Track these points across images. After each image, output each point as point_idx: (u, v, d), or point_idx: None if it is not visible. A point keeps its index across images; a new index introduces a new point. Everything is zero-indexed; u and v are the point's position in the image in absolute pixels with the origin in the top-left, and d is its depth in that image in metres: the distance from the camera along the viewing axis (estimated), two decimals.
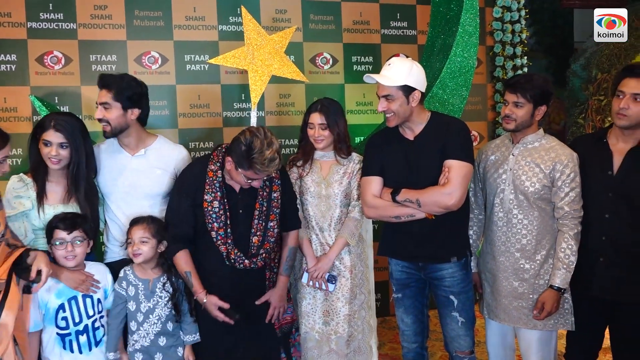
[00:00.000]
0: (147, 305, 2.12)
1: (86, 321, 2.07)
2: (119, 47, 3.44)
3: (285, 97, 3.73)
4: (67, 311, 2.04)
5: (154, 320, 2.12)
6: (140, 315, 2.12)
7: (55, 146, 2.11)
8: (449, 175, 2.07)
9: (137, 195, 2.29)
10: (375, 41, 3.92)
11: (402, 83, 2.09)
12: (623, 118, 2.07)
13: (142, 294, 2.12)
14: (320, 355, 2.42)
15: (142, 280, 2.14)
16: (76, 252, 2.05)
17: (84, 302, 2.08)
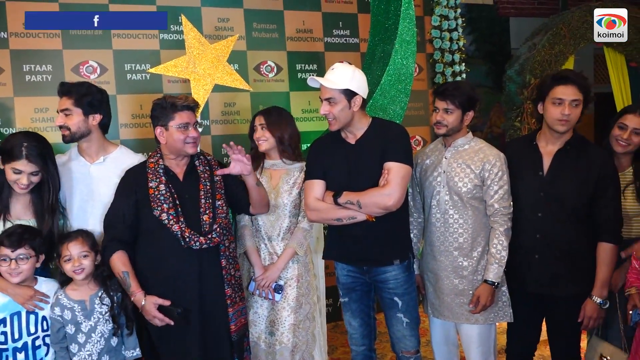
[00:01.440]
0: (89, 324, 2.06)
1: (26, 338, 2.01)
2: (54, 57, 3.33)
3: (230, 106, 3.71)
4: (8, 326, 1.99)
5: (96, 339, 2.06)
6: (81, 336, 2.05)
7: (25, 175, 2.08)
8: (388, 176, 2.12)
9: (96, 204, 2.26)
10: (318, 49, 3.97)
11: (344, 87, 2.14)
12: (566, 124, 2.19)
13: (80, 315, 2.06)
14: None
15: (77, 302, 2.07)
16: (21, 269, 1.99)
17: (27, 319, 2.02)
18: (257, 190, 2.28)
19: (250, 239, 2.47)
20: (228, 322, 2.20)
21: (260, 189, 2.30)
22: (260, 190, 2.30)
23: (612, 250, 2.19)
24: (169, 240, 2.10)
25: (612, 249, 2.19)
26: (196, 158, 2.27)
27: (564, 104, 2.17)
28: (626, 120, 2.30)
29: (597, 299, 2.18)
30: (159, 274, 2.13)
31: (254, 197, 2.29)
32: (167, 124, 2.16)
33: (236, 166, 2.18)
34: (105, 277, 2.11)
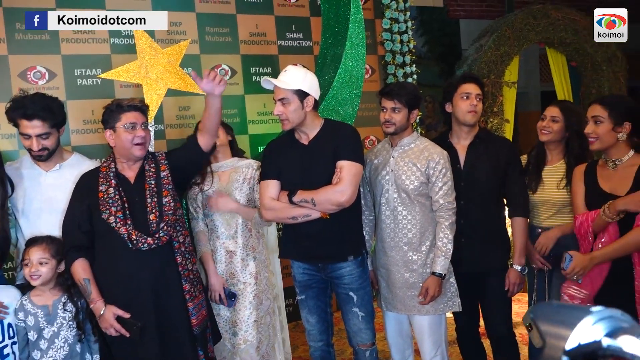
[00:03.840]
0: (51, 330, 2.05)
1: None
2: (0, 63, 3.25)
3: (185, 110, 3.71)
4: None
5: (60, 344, 2.06)
6: (44, 342, 2.05)
7: None
8: (341, 174, 2.19)
9: (52, 211, 2.25)
10: (272, 52, 4.02)
11: (297, 87, 2.21)
12: (475, 115, 2.47)
13: (43, 321, 2.05)
14: None
15: (41, 307, 2.07)
16: None
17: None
18: (219, 113, 2.25)
19: (206, 244, 2.50)
20: (188, 317, 2.21)
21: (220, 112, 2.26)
22: (220, 114, 2.27)
23: (523, 222, 2.48)
24: (119, 243, 2.10)
25: (523, 221, 2.48)
26: (146, 160, 2.28)
27: (471, 97, 2.45)
28: (546, 112, 2.56)
29: (517, 267, 2.45)
30: (112, 278, 2.14)
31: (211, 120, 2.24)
32: (114, 126, 2.17)
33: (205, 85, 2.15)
34: (69, 284, 2.11)
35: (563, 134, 2.47)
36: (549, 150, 2.55)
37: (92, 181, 2.19)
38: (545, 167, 2.53)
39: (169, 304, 2.18)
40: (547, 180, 2.49)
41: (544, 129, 2.51)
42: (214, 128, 2.28)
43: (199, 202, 2.53)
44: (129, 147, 2.16)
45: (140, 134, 2.17)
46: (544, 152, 2.56)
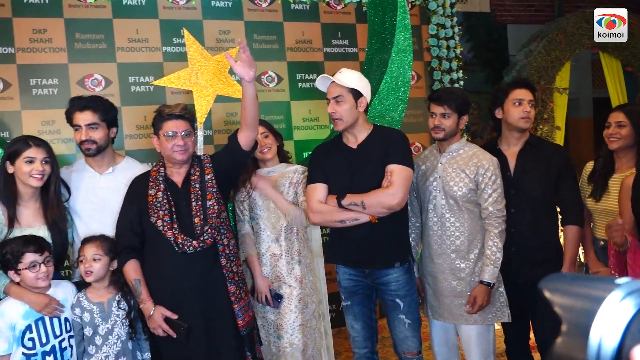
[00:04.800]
0: (106, 327, 2.13)
1: (53, 341, 2.07)
2: (60, 71, 3.41)
3: (233, 116, 3.79)
4: (34, 332, 2.05)
5: (113, 341, 2.13)
6: (98, 338, 2.12)
7: (39, 161, 2.18)
8: (392, 178, 2.18)
9: (106, 213, 2.33)
10: (318, 59, 4.05)
11: (352, 86, 2.23)
12: (528, 122, 2.42)
13: (98, 317, 2.13)
14: None
15: (96, 304, 2.15)
16: (49, 271, 2.07)
17: (50, 323, 2.09)
18: (255, 102, 2.23)
19: (252, 246, 2.53)
20: (234, 318, 2.24)
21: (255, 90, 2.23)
22: (256, 103, 2.25)
23: (576, 231, 2.40)
24: (166, 246, 2.17)
25: (576, 230, 2.40)
26: (192, 164, 2.33)
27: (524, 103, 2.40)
28: (609, 118, 2.48)
29: None
30: (159, 280, 2.20)
31: (248, 111, 2.23)
32: (158, 133, 2.25)
33: (238, 67, 2.16)
34: (122, 282, 2.19)
35: (633, 138, 2.38)
36: (618, 158, 2.46)
37: (142, 185, 2.27)
38: (613, 176, 2.44)
39: (215, 306, 2.22)
40: (614, 189, 2.39)
41: (611, 137, 2.43)
42: (252, 119, 2.24)
43: (245, 204, 2.57)
44: (170, 154, 2.24)
45: (179, 143, 2.21)
46: (612, 160, 2.46)
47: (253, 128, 2.29)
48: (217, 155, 2.40)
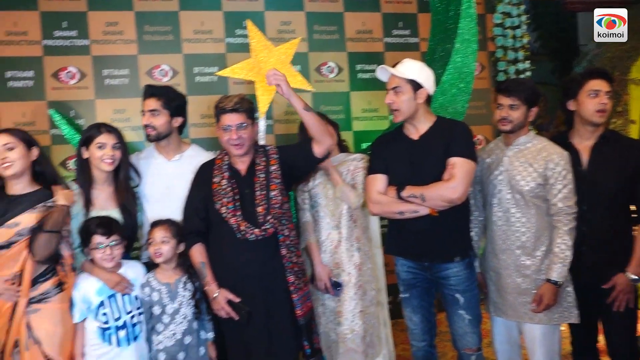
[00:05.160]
0: (173, 307, 2.23)
1: (125, 317, 2.19)
2: (130, 62, 3.57)
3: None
4: (108, 307, 2.17)
5: (180, 320, 2.23)
6: (166, 317, 2.23)
7: (109, 147, 2.29)
8: (453, 170, 2.13)
9: (172, 198, 2.42)
10: (378, 49, 4.01)
11: (411, 77, 2.20)
12: (604, 115, 2.30)
13: (166, 297, 2.23)
14: (337, 354, 2.49)
15: (164, 284, 2.25)
16: (114, 254, 2.18)
17: (122, 300, 2.21)
18: (309, 115, 2.24)
19: (312, 234, 2.56)
20: (293, 307, 2.29)
21: (310, 113, 2.24)
22: (312, 115, 2.24)
23: None
24: (229, 233, 2.23)
25: None
26: (256, 153, 2.38)
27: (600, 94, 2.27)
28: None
29: (630, 275, 2.22)
30: (222, 265, 2.27)
31: (308, 125, 2.24)
32: (217, 125, 2.31)
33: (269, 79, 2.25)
34: (189, 265, 2.28)
35: None
36: None
37: (208, 172, 2.35)
38: None
39: (274, 294, 2.27)
40: None
41: None
42: (315, 132, 2.26)
43: (306, 193, 2.60)
44: (226, 147, 2.30)
45: (232, 137, 2.26)
46: None
47: (321, 141, 2.27)
48: (285, 150, 2.41)
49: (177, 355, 2.22)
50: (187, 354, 2.23)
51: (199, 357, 2.26)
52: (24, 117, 3.41)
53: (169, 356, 2.21)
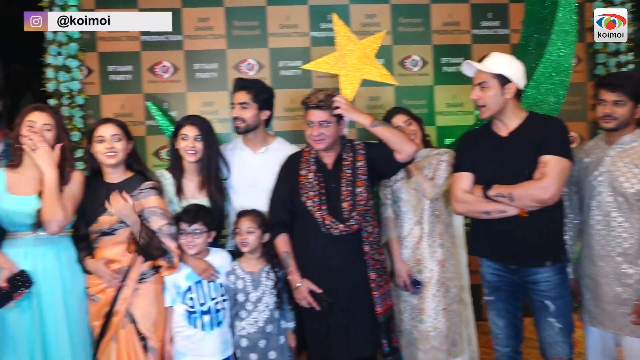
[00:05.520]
0: (256, 295, 2.30)
1: (209, 303, 2.29)
2: (219, 56, 3.71)
3: (375, 100, 3.80)
4: (194, 293, 2.28)
5: (262, 308, 2.30)
6: (249, 304, 2.31)
7: (191, 139, 2.38)
8: (545, 169, 2.03)
9: (258, 190, 2.49)
10: (465, 42, 3.87)
11: (498, 71, 2.12)
12: None
13: (250, 285, 2.31)
14: (419, 351, 2.46)
15: (248, 273, 2.33)
16: (195, 242, 2.27)
17: (208, 286, 2.31)
18: (380, 130, 2.27)
19: (393, 230, 2.53)
20: (373, 305, 2.28)
21: (380, 127, 2.28)
22: (382, 129, 2.28)
23: None
24: (314, 226, 2.26)
25: None
26: (344, 148, 2.38)
27: None
28: None
29: None
30: (305, 257, 2.31)
31: (383, 139, 2.28)
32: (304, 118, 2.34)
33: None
34: (272, 255, 2.35)
35: None
36: None
37: (295, 164, 2.39)
38: None
39: (355, 290, 2.27)
40: None
41: None
42: (393, 144, 2.27)
43: (388, 188, 2.57)
44: (309, 141, 2.32)
45: (313, 133, 2.28)
46: None
47: (401, 150, 2.27)
48: (373, 147, 2.39)
49: (259, 342, 2.29)
50: (267, 341, 2.30)
51: (279, 345, 2.32)
52: (123, 108, 3.65)
53: (250, 342, 2.29)
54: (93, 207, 2.23)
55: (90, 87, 3.62)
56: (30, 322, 2.08)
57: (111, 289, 2.19)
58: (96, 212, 2.22)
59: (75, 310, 2.18)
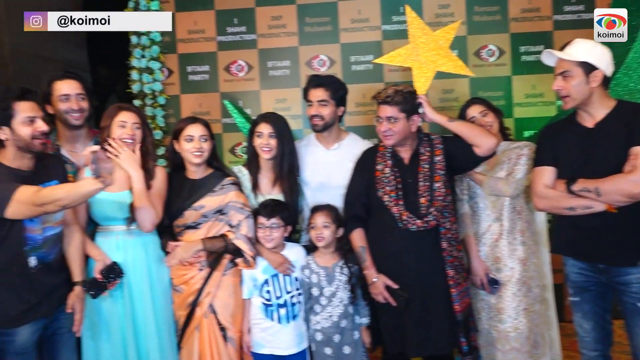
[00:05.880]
0: (330, 290, 2.33)
1: (285, 296, 2.35)
2: (291, 53, 3.76)
3: (448, 93, 3.71)
4: (271, 286, 2.35)
5: (336, 303, 2.32)
6: (324, 299, 2.34)
7: (266, 136, 2.43)
8: (637, 162, 1.91)
9: (330, 186, 2.52)
10: (546, 28, 3.68)
11: (581, 59, 2.00)
12: None
13: (324, 280, 2.34)
14: (498, 351, 2.39)
15: (323, 268, 2.36)
16: (273, 236, 2.33)
17: (284, 280, 2.37)
18: (455, 125, 2.29)
19: (470, 227, 2.46)
20: (451, 302, 2.24)
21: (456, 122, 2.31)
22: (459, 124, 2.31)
23: None
24: (390, 221, 2.24)
25: None
26: (420, 142, 2.34)
27: None
28: None
29: None
30: (380, 252, 2.30)
31: (460, 134, 2.28)
32: None
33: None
34: (346, 250, 2.36)
35: None
36: None
37: (370, 158, 2.38)
38: None
39: (432, 287, 2.24)
40: None
41: None
42: (471, 138, 2.24)
43: (464, 183, 2.50)
44: (381, 138, 2.30)
45: (381, 129, 2.27)
46: None
47: (479, 144, 2.25)
48: (452, 141, 2.34)
49: (333, 336, 2.31)
50: (342, 336, 2.32)
51: (354, 340, 2.34)
52: (200, 107, 3.81)
53: (325, 337, 2.32)
54: (178, 202, 2.34)
55: (171, 88, 3.80)
56: (122, 310, 2.22)
57: (194, 280, 2.30)
58: (182, 207, 2.33)
59: (161, 300, 2.30)
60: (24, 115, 1.92)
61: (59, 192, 1.84)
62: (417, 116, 2.31)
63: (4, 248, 1.94)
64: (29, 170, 1.99)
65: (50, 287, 2.05)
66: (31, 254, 1.98)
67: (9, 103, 1.90)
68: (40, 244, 2.00)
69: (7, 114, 1.90)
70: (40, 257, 2.01)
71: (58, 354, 2.13)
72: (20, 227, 1.94)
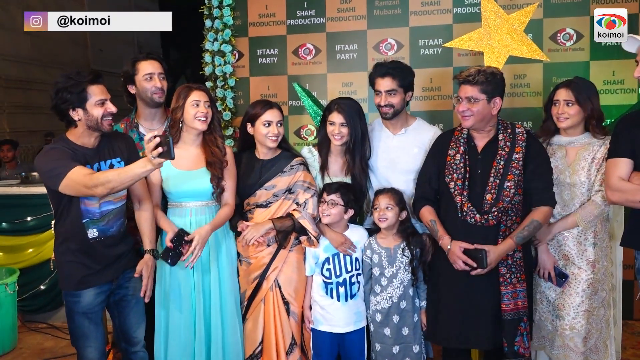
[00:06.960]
0: (391, 271, 2.37)
1: (344, 275, 2.41)
2: (359, 37, 3.77)
3: (520, 78, 3.58)
4: (331, 264, 2.42)
5: (397, 284, 2.36)
6: (384, 279, 2.38)
7: (337, 125, 2.47)
8: None
9: (396, 170, 2.54)
10: (633, 10, 3.44)
11: None
12: None
13: (385, 261, 2.38)
14: (553, 345, 2.34)
15: (384, 249, 2.39)
16: (330, 212, 2.38)
17: (344, 259, 2.43)
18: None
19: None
20: (498, 299, 2.18)
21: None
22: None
23: None
24: (452, 207, 2.22)
25: None
26: (502, 131, 2.26)
27: None
28: None
29: None
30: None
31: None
32: None
33: None
34: (409, 232, 2.39)
35: None
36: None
37: (445, 143, 2.34)
38: None
39: (481, 281, 2.19)
40: None
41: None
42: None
43: None
44: (460, 119, 2.25)
45: (460, 109, 2.21)
46: None
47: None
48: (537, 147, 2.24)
49: (392, 317, 2.35)
50: (400, 317, 2.35)
51: (413, 322, 2.36)
52: (268, 89, 3.90)
53: (384, 317, 2.36)
54: (249, 182, 2.45)
55: (241, 70, 3.92)
56: (192, 281, 2.36)
57: (262, 254, 2.40)
58: (254, 187, 2.43)
59: (227, 272, 2.41)
60: (97, 98, 2.07)
61: (110, 174, 1.96)
62: (499, 99, 2.22)
63: (67, 219, 2.13)
64: (92, 148, 2.14)
65: (113, 257, 2.20)
66: (91, 226, 2.14)
67: (84, 86, 2.05)
68: (98, 217, 2.15)
69: (83, 97, 2.05)
70: (101, 229, 2.16)
71: (126, 318, 2.29)
72: (79, 200, 2.10)
